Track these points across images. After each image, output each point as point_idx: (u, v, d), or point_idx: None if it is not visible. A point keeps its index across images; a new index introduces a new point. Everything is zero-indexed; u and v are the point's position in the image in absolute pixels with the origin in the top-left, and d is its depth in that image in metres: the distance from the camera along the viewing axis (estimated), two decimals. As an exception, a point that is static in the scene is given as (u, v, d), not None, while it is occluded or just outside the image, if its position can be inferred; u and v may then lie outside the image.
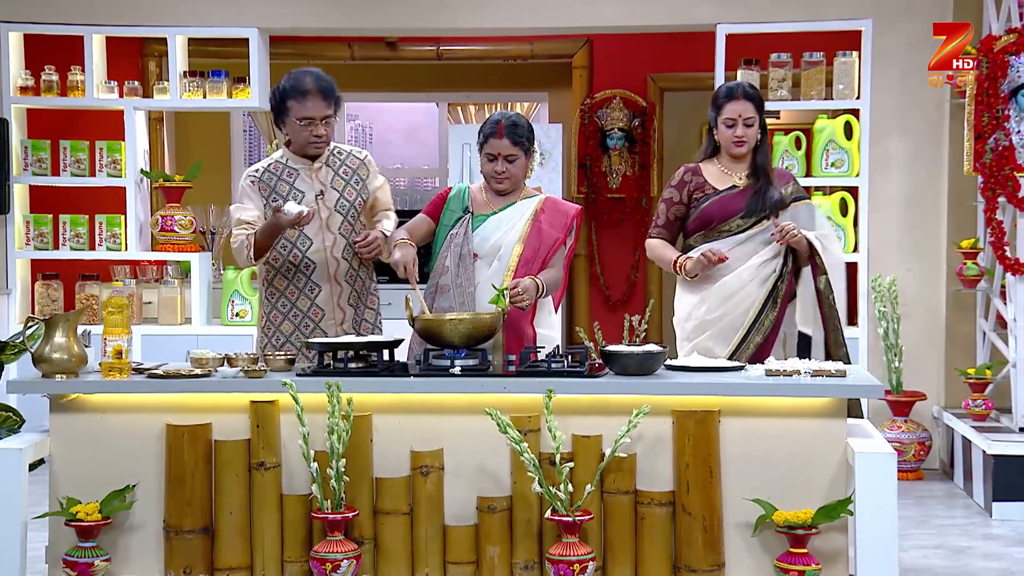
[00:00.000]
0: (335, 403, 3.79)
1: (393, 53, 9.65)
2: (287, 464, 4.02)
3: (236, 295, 7.96)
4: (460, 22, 7.99)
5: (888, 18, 7.63)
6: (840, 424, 3.92)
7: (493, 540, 3.96)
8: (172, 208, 8.01)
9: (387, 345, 4.16)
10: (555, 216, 4.67)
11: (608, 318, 9.24)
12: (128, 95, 7.99)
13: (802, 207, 4.92)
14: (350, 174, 4.77)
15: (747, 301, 4.78)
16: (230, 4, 7.97)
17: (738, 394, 3.93)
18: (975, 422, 6.94)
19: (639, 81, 9.38)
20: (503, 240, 4.60)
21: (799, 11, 7.64)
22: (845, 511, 3.81)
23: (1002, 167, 6.57)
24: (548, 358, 4.09)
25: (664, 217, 4.99)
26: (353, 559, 3.84)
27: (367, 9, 7.98)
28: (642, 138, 9.28)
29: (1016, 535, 5.95)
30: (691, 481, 3.89)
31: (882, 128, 7.65)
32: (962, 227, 7.57)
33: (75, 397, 4.05)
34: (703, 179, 4.94)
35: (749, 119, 4.86)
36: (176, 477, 3.97)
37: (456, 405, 4.00)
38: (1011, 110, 6.57)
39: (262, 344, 4.70)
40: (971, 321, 7.63)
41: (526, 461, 3.75)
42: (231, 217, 4.71)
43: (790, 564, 3.82)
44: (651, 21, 7.89)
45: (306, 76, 4.64)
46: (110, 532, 3.99)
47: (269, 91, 8.02)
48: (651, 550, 3.92)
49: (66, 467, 4.04)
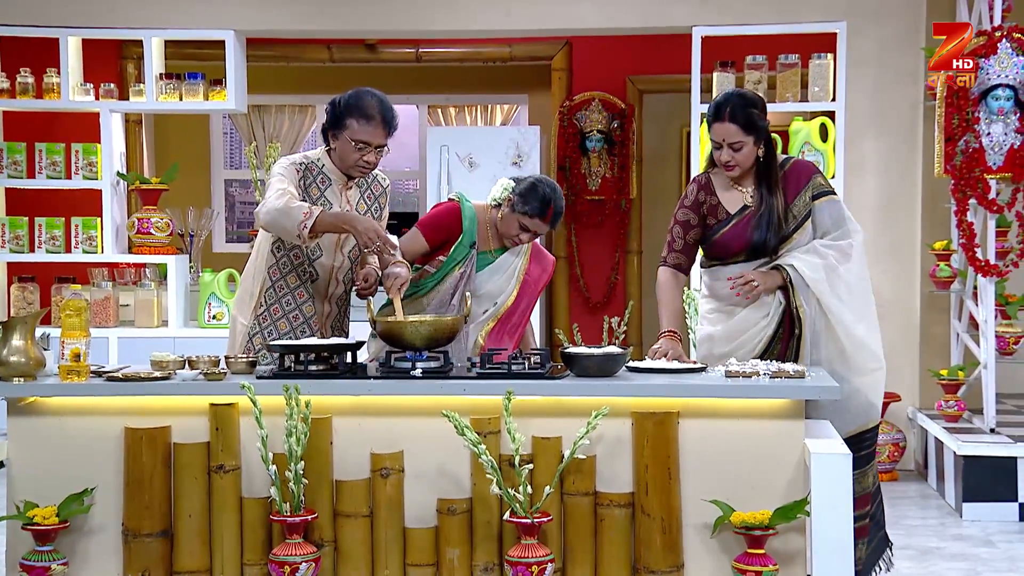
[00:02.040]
0: (293, 406, 3.79)
1: (372, 55, 9.67)
2: (247, 467, 4.01)
3: (213, 297, 7.97)
4: (437, 24, 8.01)
5: (862, 21, 7.66)
6: (798, 425, 3.92)
7: (453, 542, 3.95)
8: (149, 211, 8.01)
9: (348, 348, 4.16)
10: (538, 268, 4.98)
11: (588, 320, 9.26)
12: (104, 97, 8.00)
13: (824, 206, 4.47)
14: (373, 200, 4.73)
15: (756, 338, 4.46)
16: (207, 6, 7.98)
17: (697, 395, 3.93)
18: (948, 423, 6.97)
19: (618, 83, 9.39)
20: (503, 289, 4.87)
21: (774, 13, 7.67)
22: (802, 512, 3.81)
23: (972, 169, 6.60)
24: (509, 360, 4.09)
25: (682, 241, 4.56)
26: (312, 562, 3.84)
27: (345, 11, 8.00)
28: (621, 140, 9.29)
29: (984, 535, 5.97)
30: (650, 482, 3.89)
31: (857, 130, 7.68)
32: (936, 229, 7.61)
33: (33, 400, 4.04)
34: (716, 200, 4.52)
35: (736, 143, 4.38)
36: (135, 480, 3.96)
37: (417, 407, 4.00)
38: (981, 112, 6.59)
39: (251, 332, 4.64)
40: (945, 322, 7.66)
41: (484, 463, 3.75)
42: (271, 187, 4.42)
43: (747, 565, 3.82)
44: (627, 23, 7.92)
45: (373, 99, 4.49)
46: (68, 536, 3.98)
47: (246, 93, 8.12)
48: (610, 551, 3.92)
49: (24, 471, 4.02)
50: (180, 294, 8.01)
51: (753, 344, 4.47)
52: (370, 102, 4.50)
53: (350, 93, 4.54)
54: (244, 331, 4.64)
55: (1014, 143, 6.55)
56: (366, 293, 4.58)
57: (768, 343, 4.46)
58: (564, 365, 4.13)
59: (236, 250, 10.66)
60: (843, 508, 3.71)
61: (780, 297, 4.44)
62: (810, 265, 4.39)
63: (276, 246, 4.59)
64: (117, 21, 8.00)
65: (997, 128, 6.56)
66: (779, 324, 4.45)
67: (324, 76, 10.45)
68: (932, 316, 7.67)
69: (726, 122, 4.38)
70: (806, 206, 4.47)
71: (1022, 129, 6.54)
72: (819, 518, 3.71)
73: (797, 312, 4.40)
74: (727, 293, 4.49)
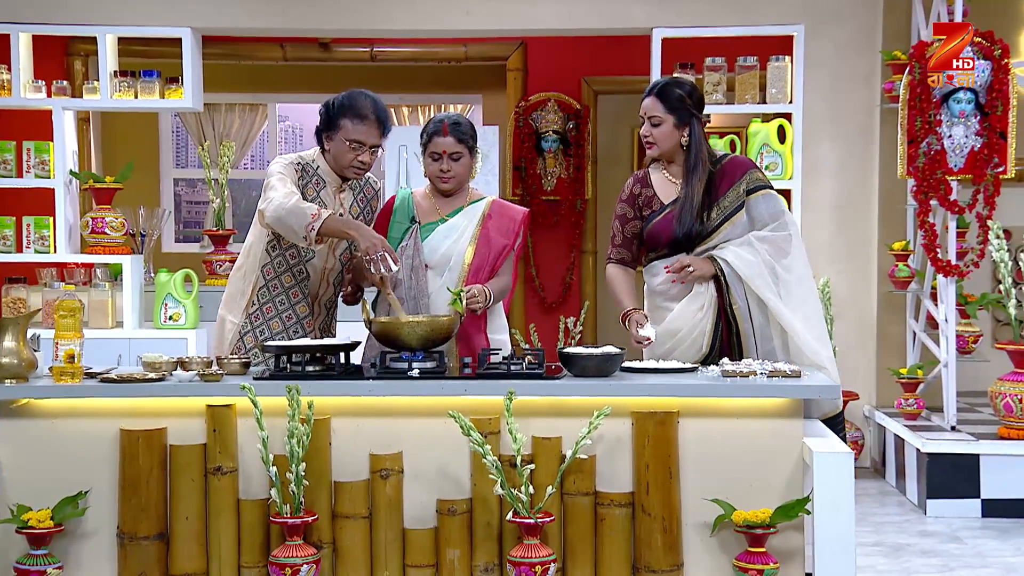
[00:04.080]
0: (295, 407, 3.76)
1: (326, 54, 9.60)
2: (244, 469, 3.97)
3: (169, 298, 7.85)
4: (396, 23, 7.98)
5: (819, 24, 7.76)
6: (796, 424, 3.96)
7: (453, 543, 3.94)
8: (103, 210, 7.88)
9: (344, 348, 4.13)
10: (503, 221, 4.67)
11: (543, 320, 9.28)
12: (57, 95, 7.86)
13: (760, 199, 4.55)
14: (365, 203, 4.71)
15: (694, 331, 4.51)
16: (163, 3, 7.88)
17: (697, 395, 3.95)
18: (907, 421, 7.08)
19: (573, 84, 9.41)
20: (453, 249, 4.60)
21: (733, 16, 7.74)
22: (803, 510, 3.85)
23: (934, 171, 6.70)
24: (507, 360, 4.08)
25: (621, 236, 4.70)
26: (313, 563, 3.81)
27: (303, 9, 7.94)
28: (576, 140, 9.31)
29: (950, 531, 6.07)
30: (651, 482, 3.90)
31: (814, 132, 7.77)
32: (892, 230, 7.72)
33: (25, 402, 3.96)
34: (652, 191, 4.64)
35: (655, 118, 4.52)
36: (130, 483, 3.90)
37: (415, 408, 3.98)
38: (943, 115, 6.70)
39: (242, 331, 4.59)
40: (901, 322, 7.77)
41: (488, 464, 3.75)
42: (274, 188, 4.36)
43: (749, 563, 3.84)
44: (588, 24, 7.94)
45: (366, 100, 4.50)
46: (62, 539, 3.91)
47: (202, 91, 8.03)
48: (611, 551, 3.93)
49: (15, 474, 3.94)
50: (135, 295, 7.89)
51: (693, 338, 4.52)
52: (364, 102, 4.50)
53: (343, 94, 4.54)
54: (235, 329, 4.60)
55: (974, 145, 6.67)
56: (352, 300, 4.56)
57: (711, 339, 4.51)
58: (561, 365, 4.13)
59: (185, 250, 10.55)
60: (845, 507, 3.75)
61: (713, 289, 4.51)
62: (743, 259, 4.48)
63: (271, 245, 4.55)
64: (70, 17, 7.87)
65: (958, 131, 6.67)
66: (717, 317, 4.51)
67: (277, 75, 10.37)
68: (888, 316, 7.79)
69: (650, 96, 4.56)
70: (738, 199, 4.56)
71: (982, 132, 6.66)
72: (822, 517, 3.75)
73: (731, 309, 4.48)
74: (662, 288, 4.60)
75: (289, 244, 4.52)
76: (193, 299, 7.89)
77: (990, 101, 6.63)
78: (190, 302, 7.87)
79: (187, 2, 7.88)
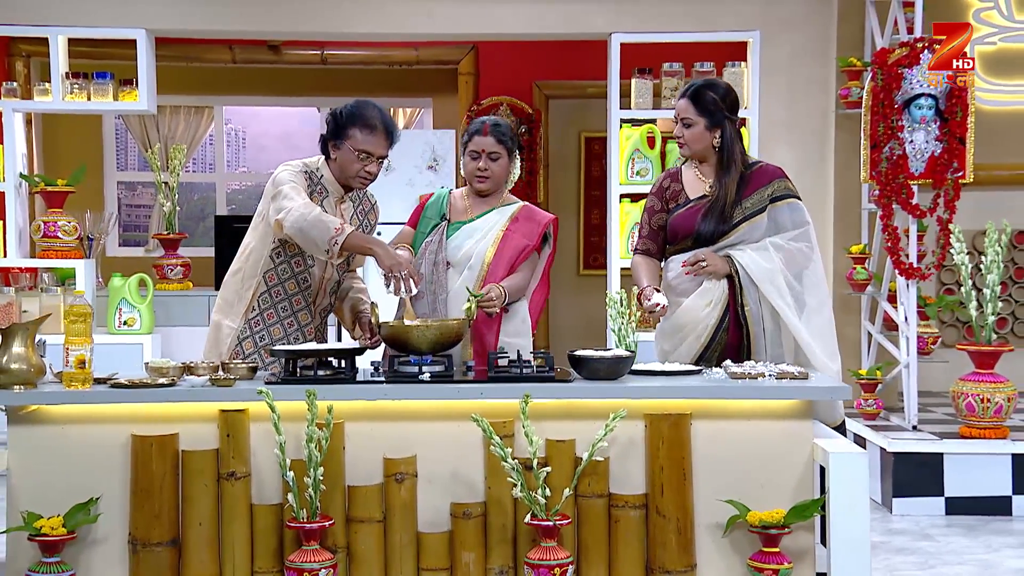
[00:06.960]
0: (313, 411, 3.73)
1: (276, 57, 9.53)
2: (256, 473, 3.93)
3: (124, 303, 7.76)
4: (353, 26, 7.93)
5: (775, 30, 7.87)
6: (807, 425, 4.01)
7: (468, 546, 3.94)
8: (55, 213, 7.76)
9: (353, 352, 4.11)
10: (528, 225, 4.68)
11: (495, 323, 9.26)
12: (7, 96, 7.71)
13: (785, 208, 4.63)
14: (363, 215, 4.71)
15: (700, 324, 4.58)
16: (116, 4, 7.76)
17: (708, 397, 3.99)
18: (868, 421, 7.19)
19: (525, 88, 9.44)
20: (475, 249, 4.62)
21: (691, 21, 7.82)
22: (816, 511, 3.90)
23: (896, 175, 6.83)
24: (518, 363, 4.09)
25: (648, 227, 4.77)
26: (330, 568, 3.78)
27: (257, 12, 7.87)
28: (529, 145, 9.35)
29: (919, 529, 6.18)
30: (665, 483, 3.93)
31: (771, 137, 7.87)
32: (848, 233, 7.85)
33: (35, 409, 3.89)
34: (680, 186, 4.73)
35: (687, 119, 4.63)
36: (143, 489, 3.84)
37: (428, 411, 3.97)
38: (904, 120, 6.83)
39: (241, 336, 4.54)
40: (856, 324, 7.90)
41: (508, 467, 3.74)
42: (289, 198, 4.32)
43: (764, 563, 3.89)
44: (546, 29, 7.96)
45: (375, 110, 4.50)
46: (73, 546, 3.84)
47: (155, 94, 7.92)
48: (625, 552, 3.96)
49: (25, 481, 3.87)
50: (88, 299, 7.74)
51: (698, 332, 4.57)
52: (372, 112, 4.50)
53: (351, 104, 4.53)
54: (233, 334, 4.55)
55: (935, 150, 6.80)
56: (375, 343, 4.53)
57: (713, 333, 4.56)
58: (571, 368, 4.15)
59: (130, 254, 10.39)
60: (860, 507, 3.82)
61: (724, 287, 4.57)
62: (758, 264, 4.54)
63: (276, 251, 4.51)
64: (14, 17, 7.72)
65: (919, 136, 6.80)
66: (723, 314, 4.56)
67: (225, 77, 10.26)
68: (844, 318, 7.89)
69: (684, 98, 4.67)
70: (761, 202, 4.63)
71: (942, 137, 6.79)
72: (837, 518, 3.81)
73: (743, 310, 4.53)
74: (676, 282, 4.66)
75: (295, 251, 4.49)
76: (148, 304, 7.79)
77: (949, 107, 6.77)
78: (145, 307, 7.78)
79: (140, 3, 7.77)
